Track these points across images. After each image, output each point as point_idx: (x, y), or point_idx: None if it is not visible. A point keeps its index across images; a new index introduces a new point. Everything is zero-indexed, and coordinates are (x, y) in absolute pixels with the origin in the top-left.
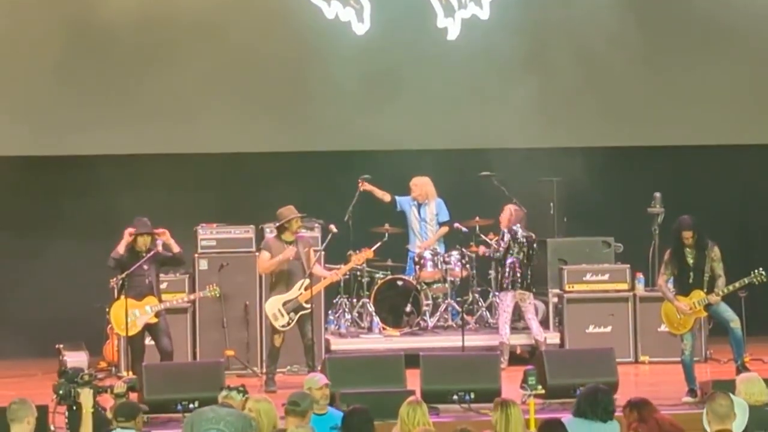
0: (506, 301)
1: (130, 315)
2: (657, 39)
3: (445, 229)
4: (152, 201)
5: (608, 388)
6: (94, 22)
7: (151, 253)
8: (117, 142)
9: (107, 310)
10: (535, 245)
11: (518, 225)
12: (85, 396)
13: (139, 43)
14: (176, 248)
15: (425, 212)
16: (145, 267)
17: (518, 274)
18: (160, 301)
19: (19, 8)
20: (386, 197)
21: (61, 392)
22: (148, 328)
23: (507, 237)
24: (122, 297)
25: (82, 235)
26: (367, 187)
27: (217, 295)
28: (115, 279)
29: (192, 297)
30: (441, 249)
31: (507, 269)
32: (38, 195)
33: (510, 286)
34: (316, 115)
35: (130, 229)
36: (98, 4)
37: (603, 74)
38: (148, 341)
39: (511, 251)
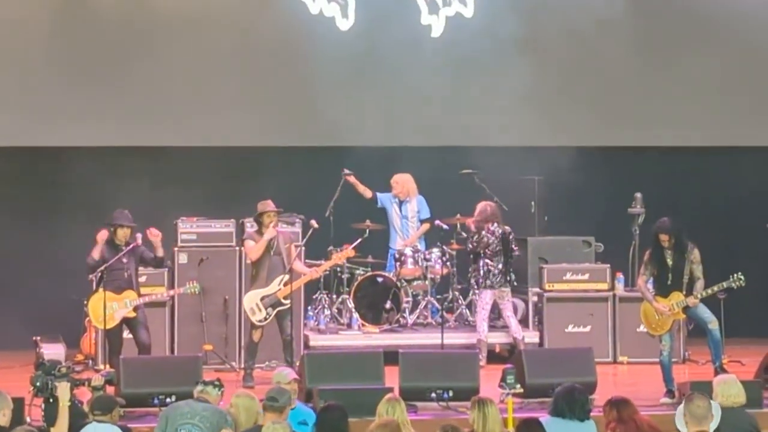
0: (485, 299)
1: (108, 308)
2: (641, 39)
3: (426, 226)
4: (133, 194)
5: (584, 387)
6: (79, 14)
7: (130, 246)
8: (98, 134)
9: (85, 302)
10: (512, 239)
11: (495, 222)
12: (62, 389)
13: (123, 36)
14: (161, 252)
15: (406, 209)
16: (124, 260)
17: (497, 271)
18: (139, 295)
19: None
20: (367, 193)
21: (38, 384)
22: (126, 321)
23: (484, 233)
24: (100, 290)
25: (61, 228)
26: (351, 179)
27: (197, 292)
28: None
29: (171, 293)
30: (422, 246)
31: (484, 266)
32: (16, 186)
33: (489, 284)
34: (299, 110)
35: (103, 233)
36: None
37: (585, 74)
38: (126, 334)
39: (489, 248)
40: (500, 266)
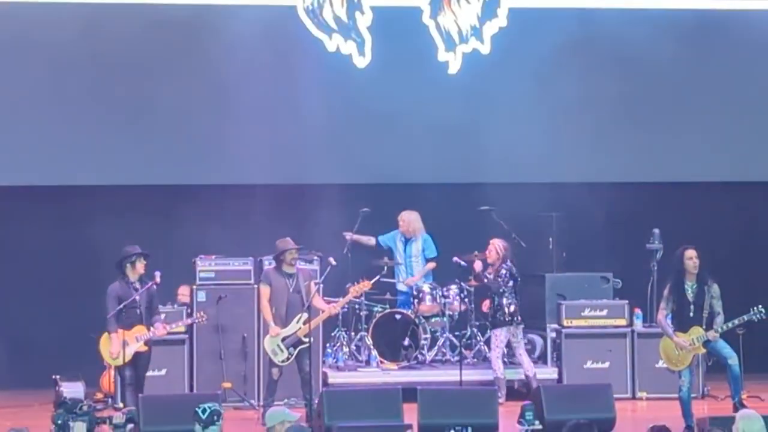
0: (500, 337)
1: (116, 344)
2: (658, 73)
3: (431, 264)
4: (151, 232)
5: (590, 423)
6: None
7: (147, 285)
8: (117, 172)
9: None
10: (518, 279)
11: (510, 260)
12: (79, 429)
13: (141, 74)
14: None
15: (411, 248)
16: (137, 298)
17: (513, 309)
18: (149, 329)
19: None
20: (371, 241)
21: (59, 423)
22: (137, 356)
23: (504, 272)
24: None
25: (78, 265)
26: (353, 237)
27: (204, 322)
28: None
29: (181, 324)
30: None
31: (504, 305)
32: (32, 224)
33: (506, 322)
34: (316, 147)
35: (116, 333)
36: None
37: (602, 109)
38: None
39: (507, 285)
40: (513, 304)
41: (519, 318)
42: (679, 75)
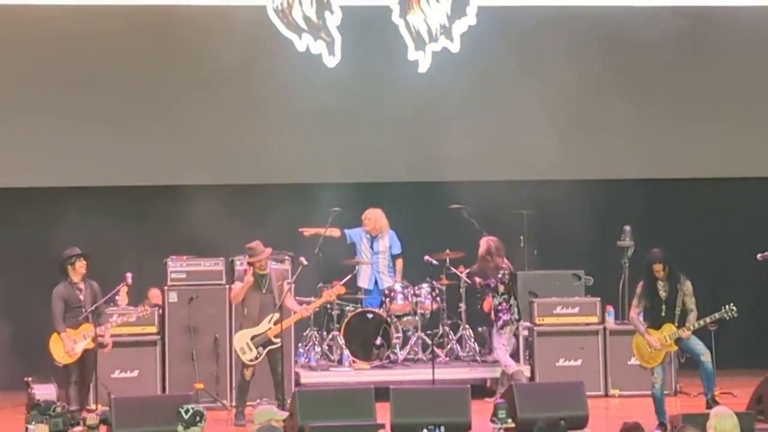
0: (506, 335)
1: (67, 343)
2: (625, 72)
3: (401, 261)
4: (124, 233)
5: (558, 421)
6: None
7: (116, 290)
8: (87, 174)
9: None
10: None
11: (503, 257)
12: (41, 430)
13: (114, 78)
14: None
15: (378, 245)
16: (81, 297)
17: (515, 306)
18: (95, 326)
19: None
20: (335, 233)
21: (33, 424)
22: (84, 354)
23: (505, 272)
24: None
25: (49, 267)
26: (310, 231)
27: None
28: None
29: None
30: (391, 280)
31: (509, 305)
32: (3, 226)
33: (510, 320)
34: (285, 147)
35: (65, 332)
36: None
37: (573, 107)
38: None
39: (506, 284)
40: (513, 301)
41: (519, 314)
42: (649, 71)
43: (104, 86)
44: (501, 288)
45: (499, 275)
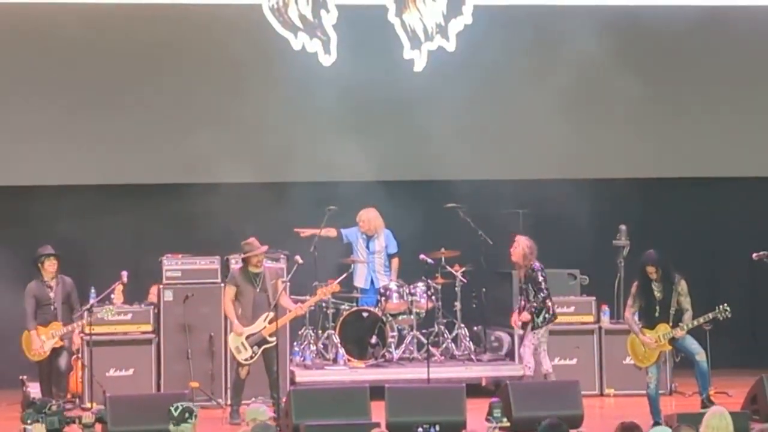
0: (544, 335)
1: (36, 341)
2: (624, 70)
3: (397, 260)
4: (119, 231)
5: (561, 423)
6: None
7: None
8: (81, 172)
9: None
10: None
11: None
12: (38, 430)
13: (106, 75)
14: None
15: (374, 245)
16: (52, 295)
17: (551, 306)
18: (64, 325)
19: None
20: (331, 233)
21: (29, 422)
22: (54, 352)
23: (540, 273)
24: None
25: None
26: (306, 232)
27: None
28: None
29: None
30: (386, 279)
31: (549, 306)
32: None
33: (548, 319)
34: (282, 145)
35: (35, 330)
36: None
37: (568, 106)
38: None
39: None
40: (547, 300)
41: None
42: (646, 71)
43: (99, 85)
44: (543, 284)
45: (543, 275)
